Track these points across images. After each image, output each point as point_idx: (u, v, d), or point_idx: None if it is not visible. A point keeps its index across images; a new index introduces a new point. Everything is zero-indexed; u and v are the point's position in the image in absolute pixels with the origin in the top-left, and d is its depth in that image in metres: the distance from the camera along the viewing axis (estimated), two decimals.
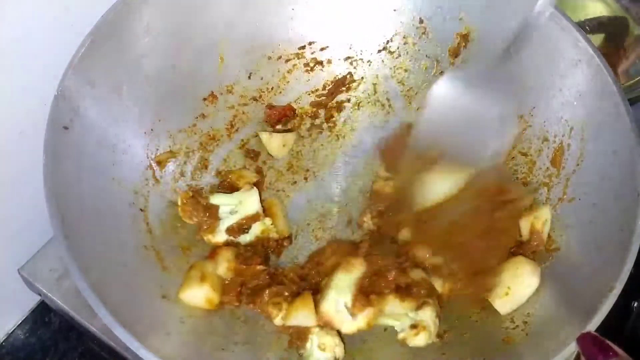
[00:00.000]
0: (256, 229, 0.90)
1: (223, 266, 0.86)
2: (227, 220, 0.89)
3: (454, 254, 0.86)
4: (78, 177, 0.76)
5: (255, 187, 0.91)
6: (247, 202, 0.90)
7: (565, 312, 0.74)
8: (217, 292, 0.84)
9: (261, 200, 0.91)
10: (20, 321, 1.05)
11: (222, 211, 0.90)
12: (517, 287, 0.81)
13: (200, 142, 0.98)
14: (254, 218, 0.89)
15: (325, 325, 0.81)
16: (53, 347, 1.05)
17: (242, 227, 0.89)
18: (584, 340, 0.64)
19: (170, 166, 0.93)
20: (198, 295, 0.83)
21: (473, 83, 0.81)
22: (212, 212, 0.89)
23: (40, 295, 0.94)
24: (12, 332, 1.04)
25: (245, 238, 0.91)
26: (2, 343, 1.03)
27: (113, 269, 0.75)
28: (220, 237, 0.89)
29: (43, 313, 1.05)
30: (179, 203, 0.90)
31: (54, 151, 0.74)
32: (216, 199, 0.90)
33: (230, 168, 1.00)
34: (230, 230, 0.89)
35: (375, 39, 1.03)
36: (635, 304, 1.00)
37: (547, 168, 0.89)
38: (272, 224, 0.91)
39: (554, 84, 0.88)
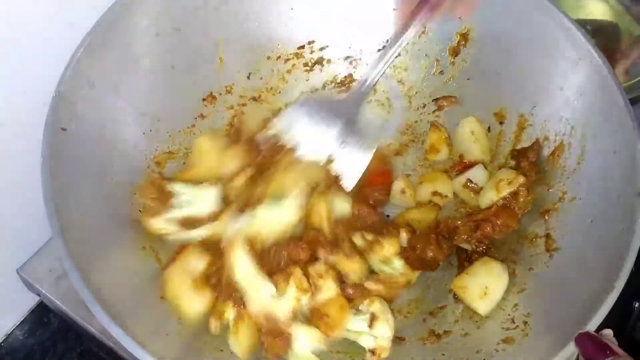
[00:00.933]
0: (206, 230, 0.86)
1: (203, 262, 0.82)
2: (176, 212, 0.85)
3: None
4: (76, 178, 0.76)
5: (216, 187, 0.86)
6: (204, 199, 0.86)
7: (565, 312, 0.74)
8: (212, 290, 0.81)
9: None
10: (19, 322, 1.04)
11: (177, 200, 0.85)
12: (494, 286, 0.83)
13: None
14: (207, 218, 0.85)
15: (268, 322, 0.79)
16: (52, 347, 1.05)
17: (189, 222, 0.85)
18: (582, 340, 0.64)
19: (170, 166, 0.93)
20: (201, 303, 0.80)
21: None
22: (164, 197, 0.85)
23: (39, 295, 0.94)
24: (11, 333, 1.04)
25: (197, 233, 0.85)
26: (1, 343, 1.03)
27: (111, 270, 0.75)
28: (157, 223, 0.84)
29: (42, 313, 1.05)
30: (142, 181, 0.86)
31: (52, 152, 0.74)
32: (174, 187, 0.86)
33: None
34: (178, 221, 0.84)
35: (375, 38, 1.02)
36: (637, 304, 1.00)
37: (548, 167, 0.89)
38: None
39: (555, 83, 0.87)
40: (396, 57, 0.94)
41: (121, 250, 0.79)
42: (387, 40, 1.02)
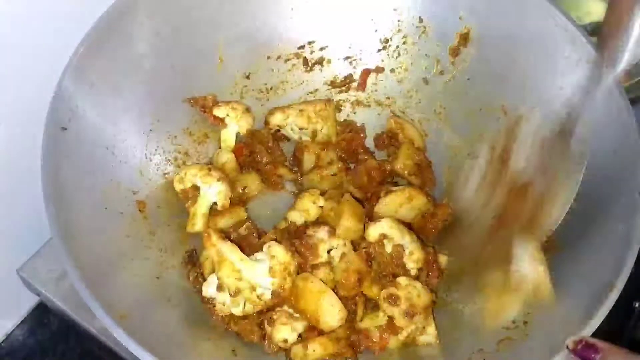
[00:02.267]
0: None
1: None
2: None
3: None
4: (76, 178, 0.76)
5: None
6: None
7: (565, 311, 0.74)
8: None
9: None
10: (19, 322, 1.04)
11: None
12: None
13: (199, 142, 0.97)
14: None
15: None
16: (52, 348, 1.05)
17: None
18: (573, 347, 0.66)
19: (170, 167, 0.93)
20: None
21: None
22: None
23: (39, 296, 0.93)
24: (10, 333, 1.03)
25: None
26: (0, 344, 1.03)
27: (112, 271, 0.75)
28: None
29: (42, 314, 1.05)
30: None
31: (52, 152, 0.73)
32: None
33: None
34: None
35: (375, 38, 1.02)
36: (637, 304, 0.99)
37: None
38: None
39: (555, 83, 0.87)
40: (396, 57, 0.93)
41: (121, 250, 0.79)
42: (387, 41, 1.02)
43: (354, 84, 1.05)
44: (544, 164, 0.83)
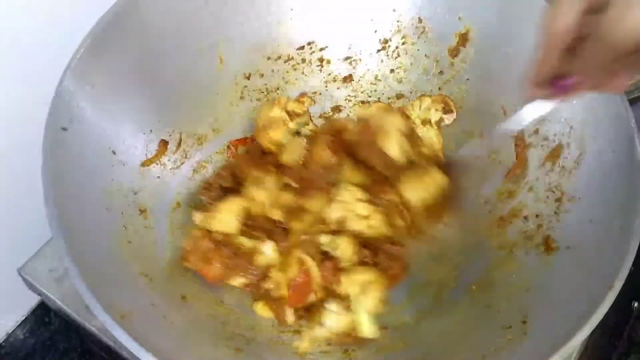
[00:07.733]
0: None
1: None
2: None
3: None
4: (77, 178, 0.76)
5: None
6: None
7: (564, 311, 0.74)
8: None
9: None
10: (20, 321, 1.04)
11: None
12: None
13: (200, 143, 0.98)
14: None
15: None
16: (53, 347, 1.05)
17: None
18: None
19: (170, 166, 0.93)
20: None
21: None
22: None
23: (40, 295, 0.93)
24: (12, 332, 1.04)
25: None
26: (1, 343, 1.03)
27: (113, 271, 0.75)
28: None
29: (43, 313, 1.05)
30: None
31: (52, 152, 0.73)
32: None
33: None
34: None
35: (375, 38, 1.03)
36: (636, 304, 1.00)
37: (548, 168, 0.89)
38: None
39: None
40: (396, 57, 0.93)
41: (123, 251, 0.79)
42: (387, 41, 1.02)
43: (353, 84, 1.05)
44: None
